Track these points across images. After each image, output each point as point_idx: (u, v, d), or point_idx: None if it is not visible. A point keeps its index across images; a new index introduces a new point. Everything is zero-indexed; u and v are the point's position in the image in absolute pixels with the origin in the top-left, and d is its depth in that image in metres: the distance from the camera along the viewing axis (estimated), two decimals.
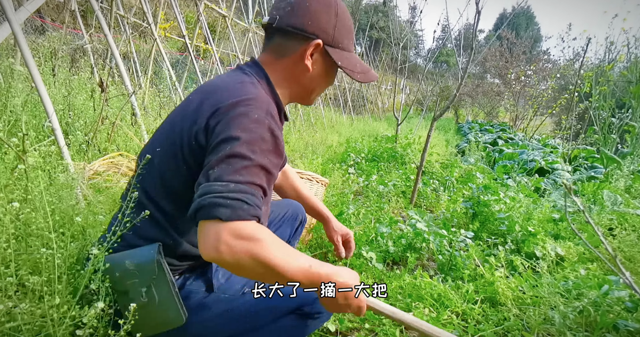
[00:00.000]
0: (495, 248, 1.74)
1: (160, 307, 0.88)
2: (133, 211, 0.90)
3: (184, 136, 0.87)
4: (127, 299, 0.87)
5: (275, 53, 1.01)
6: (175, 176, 0.89)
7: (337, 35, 0.99)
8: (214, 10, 3.91)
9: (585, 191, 3.00)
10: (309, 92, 1.05)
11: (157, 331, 0.91)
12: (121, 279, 0.87)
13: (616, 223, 1.83)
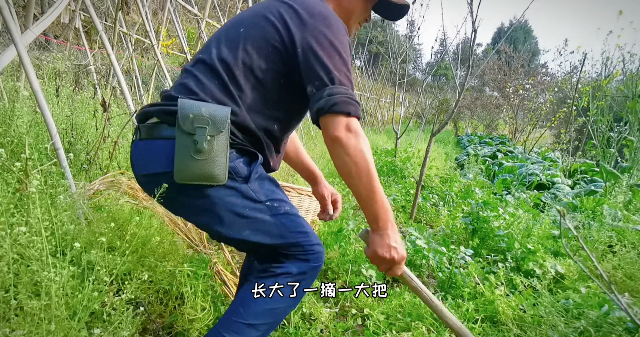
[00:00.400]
0: (495, 265, 1.74)
1: (212, 161, 0.96)
2: (201, 72, 1.02)
3: (276, 25, 1.02)
4: (189, 141, 0.95)
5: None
6: (261, 56, 1.01)
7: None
8: (215, 27, 3.98)
9: (585, 206, 3.00)
10: (349, 19, 1.19)
11: (200, 181, 0.97)
12: (193, 120, 0.95)
13: (615, 240, 1.82)
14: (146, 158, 1.03)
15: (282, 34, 1.01)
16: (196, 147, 0.94)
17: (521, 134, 10.55)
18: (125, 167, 1.79)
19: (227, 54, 1.02)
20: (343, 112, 0.95)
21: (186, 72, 1.06)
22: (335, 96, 0.96)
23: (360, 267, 1.83)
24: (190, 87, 1.01)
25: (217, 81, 1.01)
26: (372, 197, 0.98)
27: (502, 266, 1.67)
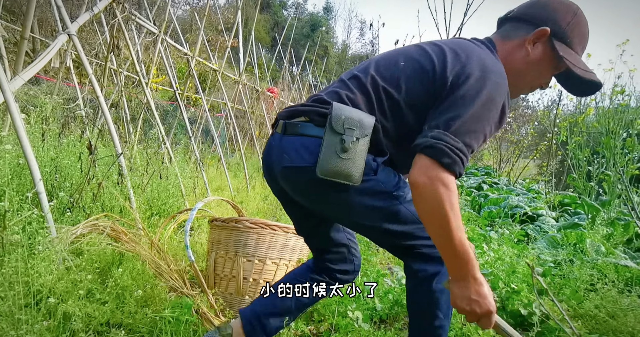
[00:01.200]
0: None
1: (353, 161, 1.01)
2: (355, 86, 1.09)
3: (437, 71, 1.01)
4: (337, 140, 1.01)
5: (502, 36, 1.12)
6: (413, 90, 1.04)
7: (569, 31, 1.05)
8: (206, 65, 4.11)
9: (569, 239, 3.04)
10: (517, 80, 1.10)
11: (338, 178, 1.02)
12: (344, 122, 1.01)
13: (596, 278, 1.84)
14: (292, 152, 1.08)
15: (438, 72, 1.01)
16: (343, 146, 1.01)
17: (506, 165, 10.79)
18: (109, 208, 1.78)
19: (381, 79, 1.07)
20: (435, 159, 0.91)
21: (341, 81, 1.14)
22: (438, 142, 0.92)
23: (346, 308, 1.79)
24: (341, 96, 1.08)
25: (366, 98, 1.07)
26: (446, 246, 0.94)
27: None
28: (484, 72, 0.97)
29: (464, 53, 1.02)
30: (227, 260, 1.89)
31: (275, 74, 11.56)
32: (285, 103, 7.26)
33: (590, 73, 1.05)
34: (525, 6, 1.11)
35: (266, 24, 21.80)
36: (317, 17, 25.71)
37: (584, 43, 1.09)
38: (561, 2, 1.07)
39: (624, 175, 3.91)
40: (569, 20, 1.05)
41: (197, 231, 2.63)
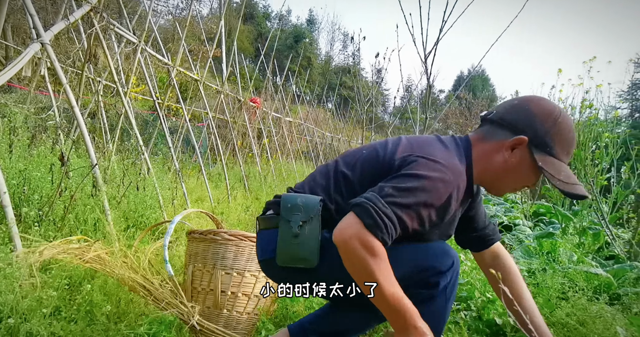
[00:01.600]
0: (458, 314, 1.75)
1: (303, 244, 1.08)
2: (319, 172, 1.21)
3: (387, 156, 1.09)
4: (287, 227, 1.10)
5: (480, 136, 1.13)
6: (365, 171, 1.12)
7: (549, 140, 1.02)
8: (187, 75, 4.08)
9: (544, 248, 3.12)
10: (497, 181, 1.11)
11: (295, 264, 1.10)
12: (290, 209, 1.10)
13: (567, 287, 1.90)
14: (262, 246, 1.21)
15: (388, 158, 1.08)
16: (292, 231, 1.08)
17: None
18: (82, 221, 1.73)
19: (342, 165, 1.17)
20: (359, 218, 0.94)
21: (313, 172, 1.26)
22: (367, 202, 0.95)
23: None
24: (304, 186, 1.21)
25: (325, 181, 1.17)
26: (378, 301, 0.96)
27: (465, 315, 1.69)
28: (428, 159, 1.00)
29: (418, 144, 1.09)
30: (204, 273, 1.86)
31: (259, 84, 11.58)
32: (268, 114, 7.27)
33: (571, 185, 1.02)
34: (504, 110, 1.10)
35: (250, 35, 21.91)
36: (301, 29, 26.04)
37: (569, 149, 1.06)
38: (542, 108, 1.05)
39: (594, 185, 4.07)
40: (548, 129, 1.02)
41: (175, 243, 2.58)
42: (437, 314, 1.09)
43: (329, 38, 35.35)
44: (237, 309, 1.83)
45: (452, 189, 0.99)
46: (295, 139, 9.12)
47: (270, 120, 7.14)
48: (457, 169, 1.01)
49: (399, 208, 0.95)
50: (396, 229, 0.95)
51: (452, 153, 1.05)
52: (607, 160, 4.00)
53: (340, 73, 19.19)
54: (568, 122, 1.05)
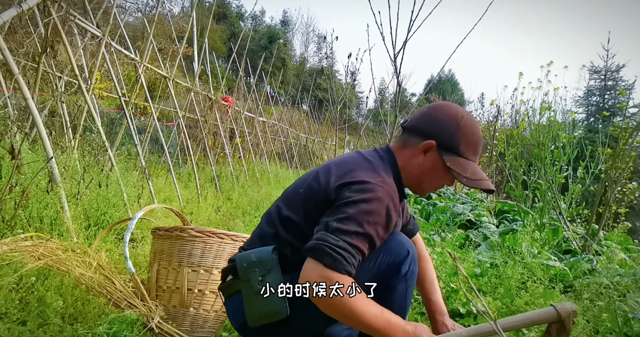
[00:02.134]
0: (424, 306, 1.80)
1: (269, 298, 1.08)
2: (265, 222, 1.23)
3: (322, 190, 1.12)
4: (249, 286, 1.11)
5: (400, 145, 1.23)
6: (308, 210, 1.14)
7: (454, 142, 1.15)
8: (156, 72, 3.97)
9: (507, 243, 3.26)
10: (418, 183, 1.22)
11: (267, 320, 1.09)
12: (247, 268, 1.11)
13: (526, 276, 2.00)
14: (232, 314, 1.21)
15: (323, 191, 1.11)
16: (254, 290, 1.09)
17: None
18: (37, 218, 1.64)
19: (285, 209, 1.19)
20: (318, 261, 0.98)
21: (260, 223, 1.27)
22: (319, 243, 0.99)
23: None
24: (254, 241, 1.22)
25: (273, 230, 1.18)
26: (364, 329, 1.01)
27: None
28: (357, 183, 1.07)
29: (345, 170, 1.13)
30: (170, 271, 1.81)
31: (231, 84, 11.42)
32: (241, 113, 7.17)
33: (477, 181, 1.14)
34: (416, 118, 1.23)
35: (222, 35, 21.60)
36: (275, 30, 25.94)
37: (475, 148, 1.18)
38: (445, 115, 1.17)
39: (553, 184, 4.29)
40: (452, 132, 1.14)
41: (140, 242, 2.49)
42: (400, 299, 1.15)
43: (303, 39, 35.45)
44: (204, 307, 1.80)
45: (388, 203, 1.06)
46: (269, 139, 9.05)
47: (243, 120, 7.05)
48: (386, 183, 1.09)
49: (348, 237, 1.00)
50: (355, 257, 1.01)
51: (377, 168, 1.13)
52: (564, 160, 4.23)
53: (314, 74, 19.27)
54: (471, 125, 1.17)
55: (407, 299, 1.19)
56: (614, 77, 11.89)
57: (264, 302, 1.08)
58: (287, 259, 1.15)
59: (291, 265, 1.14)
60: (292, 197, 1.21)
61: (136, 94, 3.93)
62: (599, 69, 11.83)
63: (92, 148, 2.54)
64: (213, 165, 5.17)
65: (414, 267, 1.16)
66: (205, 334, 1.77)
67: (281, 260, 1.15)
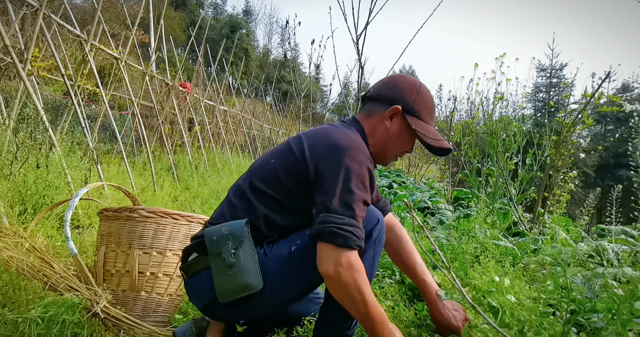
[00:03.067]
0: (384, 280, 1.83)
1: (242, 271, 1.06)
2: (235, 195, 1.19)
3: (297, 161, 1.11)
4: (220, 261, 1.08)
5: (365, 114, 1.28)
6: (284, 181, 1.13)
7: (416, 106, 1.23)
8: (104, 51, 3.69)
9: (463, 226, 3.41)
10: (384, 150, 1.26)
11: (239, 294, 1.07)
12: (217, 242, 1.09)
13: (479, 251, 2.09)
14: (196, 294, 1.17)
15: (300, 163, 1.11)
16: (226, 263, 1.06)
17: (414, 169, 11.81)
18: None
19: (258, 181, 1.17)
20: (330, 243, 0.99)
21: (227, 197, 1.22)
22: (326, 226, 0.99)
23: None
24: (224, 215, 1.17)
25: (246, 203, 1.15)
26: (366, 319, 1.04)
27: (390, 281, 1.77)
28: (335, 150, 1.08)
29: (319, 140, 1.14)
30: (119, 254, 1.70)
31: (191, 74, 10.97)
32: (200, 100, 6.90)
33: (439, 140, 1.24)
34: (378, 87, 1.29)
35: (181, 22, 20.71)
36: (237, 19, 25.23)
37: (432, 113, 1.28)
38: (406, 82, 1.27)
39: (504, 170, 4.53)
40: (414, 98, 1.24)
41: (87, 229, 2.33)
42: (368, 266, 1.15)
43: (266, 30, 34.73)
44: (158, 291, 1.71)
45: (368, 163, 1.10)
46: (231, 130, 8.81)
47: (202, 108, 6.78)
48: (360, 145, 1.12)
49: (349, 210, 1.02)
50: (361, 228, 1.03)
51: (349, 134, 1.16)
52: (514, 147, 4.48)
53: (278, 66, 19.03)
54: (428, 92, 1.29)
55: (374, 267, 1.20)
56: (558, 75, 12.73)
57: (237, 276, 1.06)
58: (259, 233, 1.14)
59: (264, 238, 1.15)
60: (264, 169, 1.19)
61: (83, 75, 3.65)
62: (545, 67, 12.61)
63: (27, 125, 2.31)
64: (170, 154, 4.94)
65: (382, 236, 1.19)
66: (159, 318, 1.69)
67: (253, 233, 1.13)
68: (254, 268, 1.07)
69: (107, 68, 6.83)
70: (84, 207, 2.46)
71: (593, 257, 2.86)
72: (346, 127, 1.22)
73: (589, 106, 3.78)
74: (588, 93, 3.90)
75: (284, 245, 1.14)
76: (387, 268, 1.93)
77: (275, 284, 1.10)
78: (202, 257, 1.15)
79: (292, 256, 1.11)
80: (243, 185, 1.20)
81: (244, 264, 1.06)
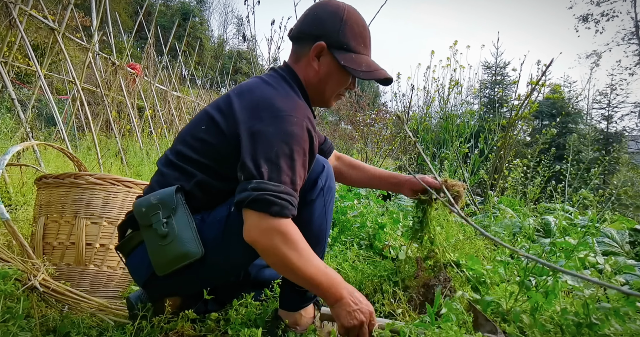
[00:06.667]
0: (355, 240, 1.81)
1: (178, 239, 0.98)
2: (163, 164, 1.11)
3: (229, 125, 1.02)
4: (152, 232, 1.00)
5: (294, 57, 1.15)
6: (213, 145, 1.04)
7: (342, 37, 1.08)
8: (36, 19, 3.28)
9: None
10: (321, 93, 1.15)
11: (178, 264, 0.99)
12: (147, 213, 1.01)
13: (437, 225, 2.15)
14: (136, 271, 1.09)
15: (232, 129, 1.01)
16: (159, 234, 0.99)
17: (371, 163, 12.10)
18: None
19: (185, 148, 1.07)
20: (263, 212, 0.91)
21: (157, 169, 1.13)
22: (261, 193, 0.91)
23: None
24: (153, 187, 1.08)
25: (177, 171, 1.07)
26: (306, 283, 0.97)
27: (360, 244, 1.76)
28: (270, 113, 0.98)
29: (252, 102, 1.02)
30: (62, 224, 1.52)
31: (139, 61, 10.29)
32: (152, 84, 6.46)
33: (373, 72, 1.10)
34: (299, 24, 1.15)
35: (128, 7, 19.40)
36: (189, 7, 24.12)
37: (364, 40, 1.12)
38: (327, 12, 1.10)
39: (458, 154, 4.73)
40: (338, 28, 1.08)
41: (21, 207, 2.06)
42: (319, 217, 1.10)
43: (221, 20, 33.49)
44: (109, 264, 1.55)
45: (307, 125, 1.00)
46: (185, 118, 8.40)
47: (154, 92, 6.37)
48: (297, 104, 1.02)
49: (286, 176, 0.93)
50: (295, 194, 0.96)
51: (283, 91, 1.05)
52: (467, 132, 4.70)
53: (234, 57, 18.49)
54: (354, 17, 1.11)
55: (327, 218, 1.13)
56: (502, 73, 13.57)
57: (174, 245, 0.98)
58: (195, 199, 1.06)
59: (202, 205, 1.06)
60: (194, 136, 1.08)
61: (11, 44, 3.24)
62: (490, 65, 13.39)
63: None
64: (118, 138, 4.58)
65: (330, 183, 1.11)
66: (110, 293, 1.53)
67: (189, 200, 1.04)
68: (191, 235, 0.99)
69: (42, 47, 6.15)
70: (17, 184, 2.18)
71: (539, 231, 3.10)
72: (279, 80, 1.10)
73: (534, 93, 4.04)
74: (533, 81, 4.18)
75: (222, 208, 1.05)
76: (355, 235, 1.91)
77: (217, 249, 1.02)
78: (136, 232, 1.07)
79: (231, 217, 1.02)
80: (172, 155, 1.10)
81: (179, 232, 0.98)
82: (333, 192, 1.15)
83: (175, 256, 0.98)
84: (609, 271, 1.41)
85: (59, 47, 3.81)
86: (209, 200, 1.07)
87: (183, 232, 0.99)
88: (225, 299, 1.30)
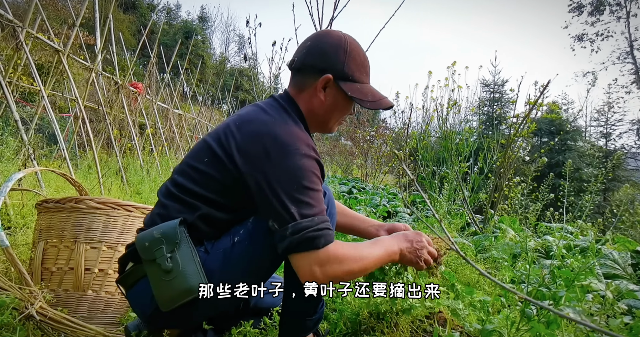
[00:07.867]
0: None
1: (182, 274, 0.97)
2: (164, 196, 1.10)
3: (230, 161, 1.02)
4: (156, 267, 0.98)
5: (297, 88, 1.16)
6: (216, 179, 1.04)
7: (347, 69, 1.11)
8: (42, 44, 3.36)
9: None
10: (326, 122, 1.18)
11: (182, 300, 0.97)
12: (150, 247, 0.99)
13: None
14: (139, 305, 1.07)
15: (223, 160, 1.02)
16: (162, 270, 0.97)
17: (371, 177, 12.09)
18: None
19: (186, 181, 1.07)
20: (311, 250, 0.94)
21: (158, 201, 1.12)
22: (301, 234, 0.93)
23: None
24: (154, 219, 1.07)
25: (178, 204, 1.06)
26: (379, 266, 1.10)
27: None
28: (279, 149, 0.98)
29: (253, 135, 1.02)
30: (61, 249, 1.51)
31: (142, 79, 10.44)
32: (153, 103, 6.54)
33: (378, 102, 1.13)
34: (303, 56, 1.14)
35: (132, 26, 19.82)
36: (192, 25, 24.63)
37: (366, 69, 1.16)
38: (330, 44, 1.12)
39: (458, 173, 4.74)
40: (343, 60, 1.11)
41: (20, 229, 2.06)
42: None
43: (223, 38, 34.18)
44: (107, 289, 1.54)
45: (312, 153, 1.01)
46: (186, 135, 8.45)
47: (155, 111, 6.43)
48: (298, 135, 1.02)
49: (311, 209, 0.96)
50: (328, 219, 0.99)
51: (282, 121, 1.05)
52: (467, 151, 4.73)
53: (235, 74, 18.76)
54: (356, 48, 1.15)
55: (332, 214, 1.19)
56: (500, 91, 13.73)
57: (177, 281, 0.97)
58: (199, 231, 1.05)
59: (206, 236, 1.07)
60: (195, 168, 1.08)
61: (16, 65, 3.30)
62: (488, 83, 13.56)
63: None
64: (119, 156, 4.60)
65: (332, 210, 1.12)
66: (108, 319, 1.51)
67: (192, 233, 1.04)
68: (195, 269, 0.98)
69: (46, 66, 6.25)
70: (17, 206, 2.18)
71: (540, 251, 3.08)
72: (279, 110, 1.10)
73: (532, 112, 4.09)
74: (531, 101, 4.24)
75: (226, 238, 1.05)
76: None
77: (221, 281, 1.01)
78: (138, 265, 1.05)
79: (235, 247, 1.03)
80: (172, 186, 1.10)
81: (183, 267, 0.97)
82: (334, 219, 1.16)
83: (179, 291, 0.97)
84: (610, 298, 1.39)
85: (63, 67, 3.88)
86: (212, 231, 1.07)
87: (187, 266, 0.98)
88: (223, 327, 1.28)
